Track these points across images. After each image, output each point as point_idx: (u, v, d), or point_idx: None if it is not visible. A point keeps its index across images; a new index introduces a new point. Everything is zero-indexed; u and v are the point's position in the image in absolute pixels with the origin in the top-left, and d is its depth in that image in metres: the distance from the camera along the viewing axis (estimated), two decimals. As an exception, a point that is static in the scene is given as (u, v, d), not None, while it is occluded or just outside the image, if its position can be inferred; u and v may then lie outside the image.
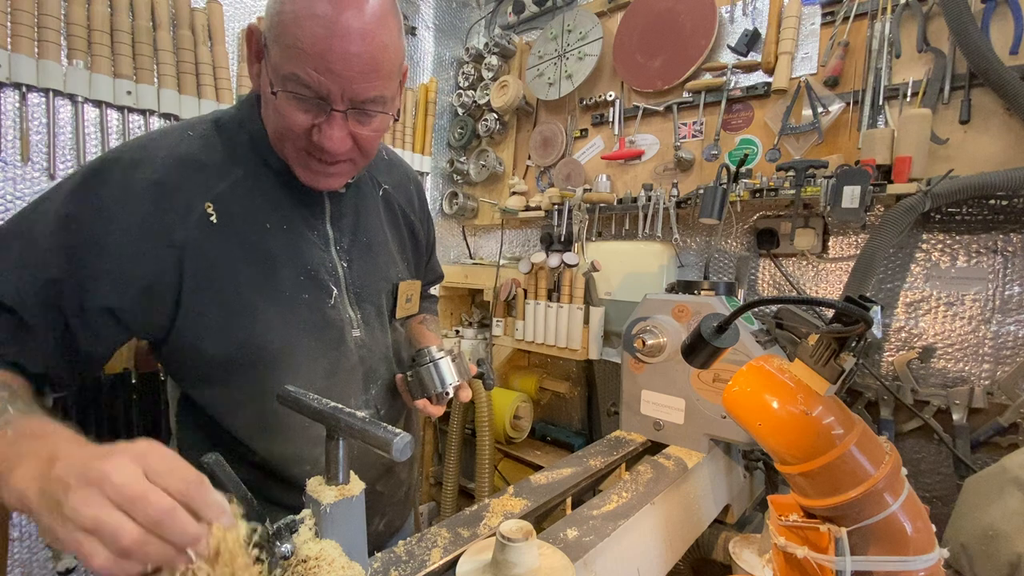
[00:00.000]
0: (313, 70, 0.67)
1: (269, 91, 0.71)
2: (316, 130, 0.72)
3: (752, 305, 0.65)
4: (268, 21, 0.70)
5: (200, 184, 0.74)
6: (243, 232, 0.77)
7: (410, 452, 0.53)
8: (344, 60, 0.67)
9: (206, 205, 0.74)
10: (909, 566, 0.60)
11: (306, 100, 0.70)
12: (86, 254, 0.67)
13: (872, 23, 1.38)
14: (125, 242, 0.68)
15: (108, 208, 0.68)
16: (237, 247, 0.76)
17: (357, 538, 0.57)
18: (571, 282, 1.78)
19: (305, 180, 0.79)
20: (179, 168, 0.73)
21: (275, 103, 0.71)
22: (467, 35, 2.42)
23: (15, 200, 1.26)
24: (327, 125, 0.72)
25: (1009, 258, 1.26)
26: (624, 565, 0.82)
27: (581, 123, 2.01)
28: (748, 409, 0.66)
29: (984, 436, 1.25)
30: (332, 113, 0.71)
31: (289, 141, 0.75)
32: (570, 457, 1.12)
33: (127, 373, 1.40)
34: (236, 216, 0.76)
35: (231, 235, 0.76)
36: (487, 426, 1.83)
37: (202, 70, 1.53)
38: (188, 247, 0.72)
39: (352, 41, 0.67)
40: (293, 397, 0.61)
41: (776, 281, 1.60)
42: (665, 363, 1.17)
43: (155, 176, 0.71)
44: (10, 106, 1.26)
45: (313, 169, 0.78)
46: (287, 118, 0.72)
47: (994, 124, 1.25)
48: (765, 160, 1.55)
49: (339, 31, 0.66)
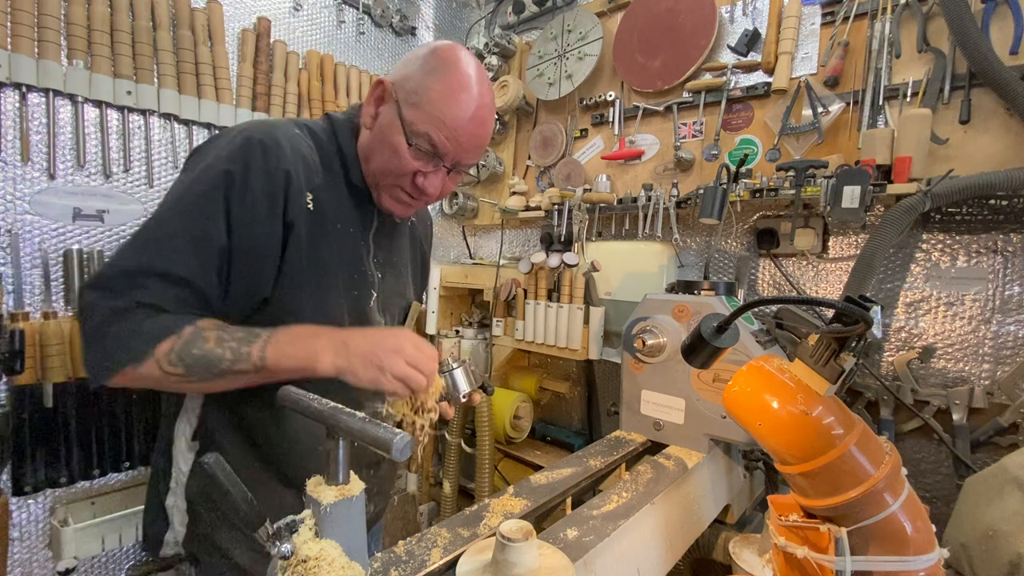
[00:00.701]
0: (444, 137, 0.88)
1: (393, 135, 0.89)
2: (421, 175, 0.92)
3: (752, 305, 0.65)
4: (408, 85, 0.89)
5: (307, 177, 0.89)
6: (326, 223, 0.92)
7: (409, 452, 0.53)
8: (468, 138, 0.90)
9: (307, 194, 0.89)
10: (909, 566, 0.60)
11: (425, 154, 0.90)
12: (234, 208, 0.82)
13: (872, 23, 1.38)
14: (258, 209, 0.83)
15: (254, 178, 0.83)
16: (322, 234, 0.91)
17: (357, 538, 0.57)
18: (571, 282, 1.78)
19: (386, 205, 0.98)
20: (298, 160, 0.88)
21: (394, 145, 0.89)
22: (467, 35, 2.42)
23: (15, 200, 1.26)
24: (433, 175, 0.93)
25: (1009, 258, 1.26)
26: (624, 565, 0.82)
27: (581, 123, 2.01)
28: (748, 409, 0.66)
29: (984, 436, 1.25)
30: (441, 168, 0.93)
31: (392, 175, 0.93)
32: (570, 457, 1.12)
33: (127, 373, 1.40)
34: (323, 209, 0.92)
35: (320, 222, 0.91)
36: (487, 426, 1.83)
37: (202, 70, 1.53)
38: (294, 226, 0.87)
39: (477, 127, 0.91)
40: (293, 397, 0.61)
41: (776, 281, 1.60)
42: (665, 363, 1.17)
43: (285, 165, 0.85)
44: (10, 106, 1.26)
45: (400, 200, 0.97)
46: (403, 160, 0.90)
47: (994, 124, 1.25)
48: (765, 160, 1.55)
49: (473, 118, 0.89)
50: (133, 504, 1.43)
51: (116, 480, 1.45)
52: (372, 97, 0.94)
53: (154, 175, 1.48)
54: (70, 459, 1.33)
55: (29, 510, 1.32)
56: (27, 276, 1.28)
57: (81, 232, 1.36)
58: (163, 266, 0.78)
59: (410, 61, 0.92)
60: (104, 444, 1.38)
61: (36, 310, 1.29)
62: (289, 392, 0.62)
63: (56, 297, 1.32)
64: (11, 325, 1.21)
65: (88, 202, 1.37)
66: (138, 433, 1.44)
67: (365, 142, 0.96)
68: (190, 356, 0.77)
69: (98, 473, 1.38)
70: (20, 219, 1.27)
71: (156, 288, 0.78)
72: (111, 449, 1.39)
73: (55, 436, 1.30)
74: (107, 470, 1.39)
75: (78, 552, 1.30)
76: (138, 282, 0.78)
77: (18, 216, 1.27)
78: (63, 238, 1.34)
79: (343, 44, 1.96)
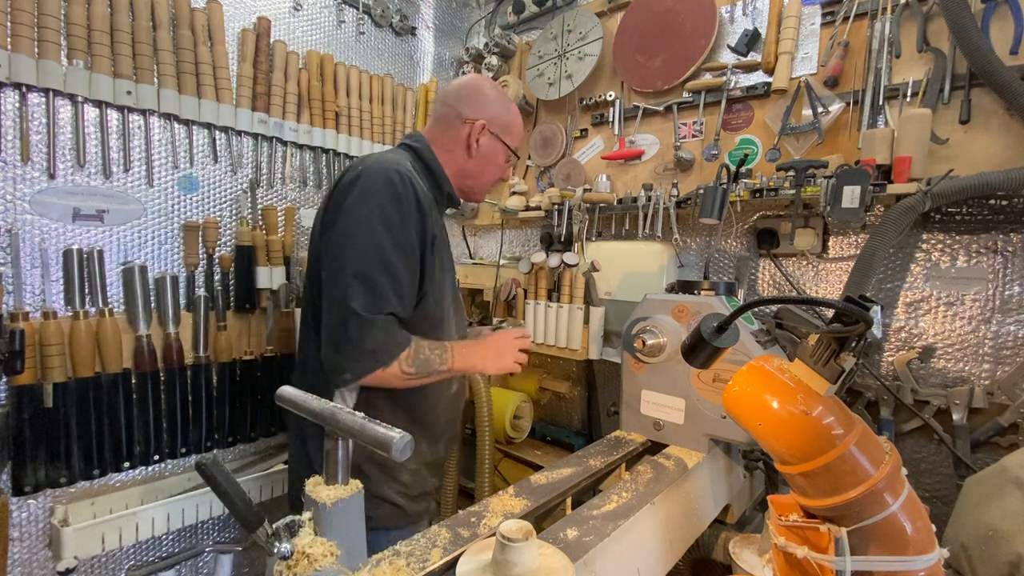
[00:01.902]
0: (521, 146, 1.46)
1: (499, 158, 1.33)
2: (504, 171, 1.37)
3: (752, 305, 0.65)
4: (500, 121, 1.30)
5: (429, 197, 1.16)
6: (438, 230, 1.19)
7: (409, 452, 0.53)
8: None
9: (432, 212, 1.15)
10: (909, 566, 0.60)
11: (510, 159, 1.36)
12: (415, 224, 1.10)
13: (872, 23, 1.38)
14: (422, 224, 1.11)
15: (409, 208, 1.10)
16: (440, 239, 1.19)
17: (356, 538, 0.57)
18: (571, 282, 1.78)
19: (479, 199, 1.42)
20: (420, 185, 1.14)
21: (499, 164, 1.34)
22: (467, 35, 2.42)
23: (15, 200, 1.27)
24: (509, 168, 1.40)
25: (1009, 258, 1.26)
26: (624, 565, 0.82)
27: (581, 123, 2.01)
28: (748, 409, 0.66)
29: (984, 436, 1.25)
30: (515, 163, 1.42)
31: (496, 178, 1.37)
32: (570, 457, 1.12)
33: (127, 373, 1.40)
34: (437, 221, 1.19)
35: (436, 231, 1.16)
36: (487, 426, 1.83)
37: (202, 70, 1.53)
38: (433, 238, 1.14)
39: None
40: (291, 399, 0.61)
41: (776, 281, 1.60)
42: (665, 363, 1.17)
43: (420, 192, 1.12)
44: (10, 106, 1.26)
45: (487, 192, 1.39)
46: (503, 171, 1.37)
47: (994, 124, 1.24)
48: (765, 160, 1.55)
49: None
50: (133, 504, 1.43)
51: (116, 480, 1.45)
52: (467, 132, 1.27)
53: (154, 175, 1.48)
54: (70, 459, 1.33)
55: (29, 510, 1.32)
56: (27, 276, 1.28)
57: (81, 232, 1.36)
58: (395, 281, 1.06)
59: (490, 100, 1.29)
60: (104, 444, 1.38)
61: (36, 310, 1.29)
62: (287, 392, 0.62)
63: (56, 297, 1.32)
64: (11, 325, 1.21)
65: (88, 202, 1.37)
66: (138, 432, 1.44)
67: (470, 165, 1.30)
68: (419, 361, 1.09)
69: (98, 473, 1.38)
70: (20, 219, 1.27)
71: (394, 299, 1.06)
72: (111, 449, 1.39)
73: (55, 436, 1.30)
74: (107, 470, 1.39)
75: (78, 552, 1.30)
76: (384, 295, 1.04)
77: (18, 216, 1.27)
78: (63, 238, 1.34)
79: (343, 44, 1.96)
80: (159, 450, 1.48)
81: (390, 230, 1.06)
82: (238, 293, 1.61)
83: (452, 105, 1.28)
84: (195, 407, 1.54)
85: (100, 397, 1.36)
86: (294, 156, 1.80)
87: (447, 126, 1.28)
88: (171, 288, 1.47)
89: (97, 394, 1.36)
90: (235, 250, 1.61)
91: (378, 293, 1.03)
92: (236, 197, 1.66)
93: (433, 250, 1.14)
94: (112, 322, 1.36)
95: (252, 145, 1.69)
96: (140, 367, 1.42)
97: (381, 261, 1.04)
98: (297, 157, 1.81)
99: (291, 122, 1.75)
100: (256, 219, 1.67)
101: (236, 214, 1.65)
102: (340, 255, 1.07)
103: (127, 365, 1.41)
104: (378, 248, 1.05)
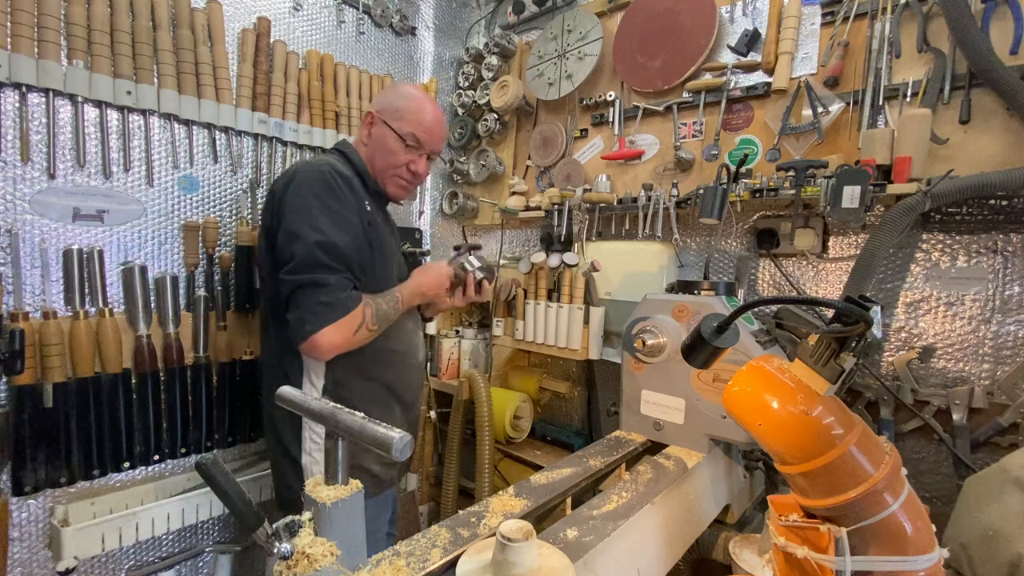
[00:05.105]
0: (424, 133, 1.37)
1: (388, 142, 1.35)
2: (412, 163, 1.38)
3: (752, 305, 0.65)
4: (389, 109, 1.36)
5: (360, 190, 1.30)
6: (376, 217, 1.31)
7: (409, 451, 0.53)
8: (438, 133, 1.41)
9: (365, 200, 1.29)
10: (909, 566, 0.60)
11: (412, 148, 1.37)
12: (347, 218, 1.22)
13: (872, 23, 1.38)
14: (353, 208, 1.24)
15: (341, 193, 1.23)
16: (377, 226, 1.31)
17: (356, 538, 0.57)
18: (571, 282, 1.78)
19: (393, 192, 1.42)
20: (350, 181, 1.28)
21: (390, 147, 1.35)
22: (467, 35, 2.42)
23: (15, 200, 1.26)
24: (420, 161, 1.40)
25: (1009, 258, 1.26)
26: (624, 565, 0.82)
27: (581, 123, 2.01)
28: (748, 409, 0.66)
29: (984, 436, 1.25)
30: (424, 155, 1.40)
31: (392, 168, 1.37)
32: (570, 457, 1.12)
33: (127, 373, 1.40)
34: (371, 208, 1.31)
35: (375, 217, 1.31)
36: (487, 426, 1.83)
37: (202, 70, 1.53)
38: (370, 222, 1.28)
39: (439, 125, 1.41)
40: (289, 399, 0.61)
41: (776, 281, 1.60)
42: (665, 363, 1.17)
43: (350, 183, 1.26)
44: (10, 106, 1.26)
45: (401, 185, 1.41)
46: (398, 155, 1.36)
47: (994, 124, 1.24)
48: (765, 160, 1.55)
49: (435, 119, 1.39)
50: (133, 504, 1.43)
51: (116, 480, 1.45)
52: (365, 125, 1.39)
53: (154, 175, 1.48)
54: (70, 459, 1.33)
55: (29, 510, 1.32)
56: (27, 276, 1.28)
57: (81, 232, 1.36)
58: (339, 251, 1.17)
59: (386, 94, 1.40)
60: (104, 444, 1.38)
61: (36, 310, 1.29)
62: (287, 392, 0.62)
63: (56, 297, 1.32)
64: (11, 325, 1.21)
65: (88, 202, 1.37)
66: (137, 432, 1.44)
67: (367, 153, 1.39)
68: (380, 315, 1.24)
69: (98, 473, 1.38)
70: (20, 219, 1.27)
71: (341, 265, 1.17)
72: (111, 449, 1.39)
73: (55, 436, 1.30)
74: (107, 470, 1.39)
75: (78, 552, 1.30)
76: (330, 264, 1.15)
77: (18, 216, 1.27)
78: (63, 238, 1.34)
79: (343, 44, 1.96)
80: (159, 450, 1.48)
81: (326, 210, 1.18)
82: (238, 293, 1.61)
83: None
84: (195, 407, 1.54)
85: (100, 397, 1.36)
86: (294, 156, 1.80)
87: (361, 125, 1.43)
88: (171, 288, 1.47)
89: (97, 394, 1.36)
90: (235, 250, 1.61)
91: (324, 263, 1.14)
92: (236, 197, 1.65)
93: (371, 229, 1.27)
94: (112, 322, 1.36)
95: (252, 145, 1.69)
96: (140, 367, 1.42)
97: (323, 236, 1.15)
98: (297, 157, 1.81)
99: (291, 122, 1.75)
100: (256, 219, 1.67)
101: (236, 214, 1.65)
102: (286, 241, 1.17)
103: (127, 365, 1.41)
104: (316, 226, 1.16)
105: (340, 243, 1.17)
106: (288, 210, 1.19)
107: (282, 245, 1.18)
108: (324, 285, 1.14)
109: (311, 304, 1.14)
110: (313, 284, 1.14)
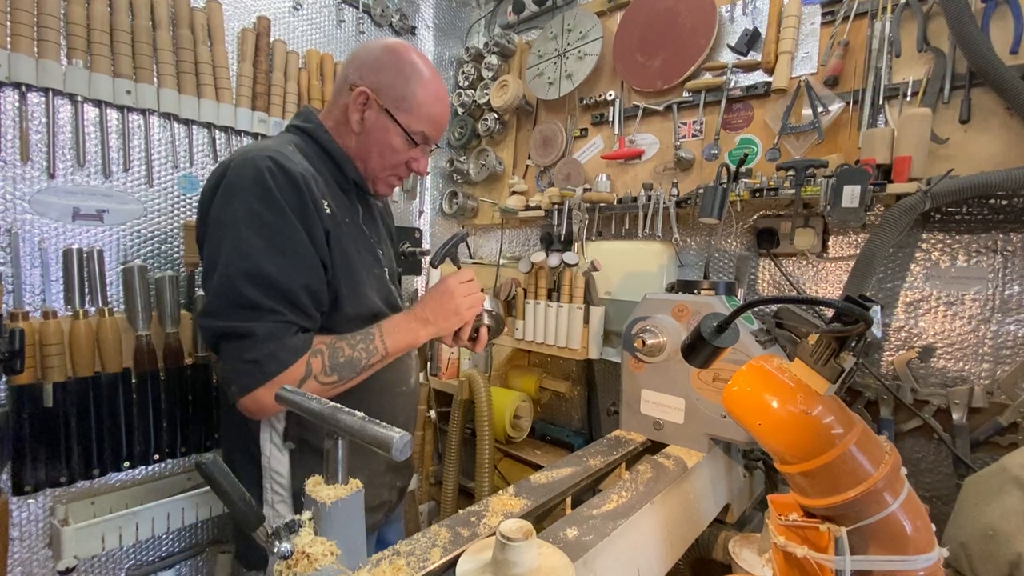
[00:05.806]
0: (435, 129, 1.12)
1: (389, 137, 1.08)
2: (414, 161, 1.14)
3: (752, 305, 0.65)
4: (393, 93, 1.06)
5: (320, 187, 1.00)
6: (342, 222, 1.04)
7: (409, 451, 0.53)
8: (445, 123, 1.15)
9: (324, 201, 0.99)
10: (909, 565, 0.60)
11: (418, 146, 1.12)
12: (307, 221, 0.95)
13: (872, 23, 1.38)
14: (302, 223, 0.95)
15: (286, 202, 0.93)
16: (344, 233, 1.04)
17: (356, 537, 0.57)
18: (571, 282, 1.77)
19: (382, 190, 1.18)
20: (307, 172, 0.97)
21: (392, 145, 1.09)
22: (467, 34, 2.42)
23: (15, 200, 1.26)
24: (423, 158, 1.16)
25: (1009, 258, 1.26)
26: (624, 565, 0.82)
27: (581, 123, 2.01)
28: (748, 409, 0.66)
29: (984, 436, 1.25)
30: (427, 152, 1.17)
31: (390, 168, 1.13)
32: (570, 457, 1.12)
33: (127, 373, 1.40)
34: (336, 211, 1.03)
35: (339, 223, 1.03)
36: (487, 426, 1.83)
37: (202, 70, 1.53)
38: (329, 231, 0.98)
39: (448, 112, 1.17)
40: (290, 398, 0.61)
41: (776, 281, 1.59)
42: (665, 363, 1.17)
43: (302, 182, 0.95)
44: (10, 106, 1.26)
45: (391, 184, 1.18)
46: (400, 155, 1.11)
47: (994, 124, 1.24)
48: (765, 160, 1.55)
49: (446, 108, 1.15)
50: (133, 504, 1.43)
51: (116, 480, 1.45)
52: (355, 106, 1.06)
53: (154, 175, 1.48)
54: (70, 459, 1.33)
55: (29, 510, 1.32)
56: (27, 276, 1.28)
57: (81, 232, 1.36)
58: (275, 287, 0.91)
59: (382, 66, 1.06)
60: (104, 444, 1.38)
61: (36, 310, 1.29)
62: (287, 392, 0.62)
63: (56, 297, 1.32)
64: (11, 325, 1.21)
65: (88, 202, 1.37)
66: (137, 432, 1.44)
67: (356, 145, 1.10)
68: (340, 365, 0.97)
69: (98, 473, 1.38)
70: (20, 219, 1.27)
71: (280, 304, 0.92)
72: (111, 449, 1.39)
73: (55, 436, 1.30)
74: (107, 470, 1.39)
75: (78, 552, 1.30)
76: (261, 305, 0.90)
77: (18, 216, 1.27)
78: (63, 238, 1.34)
79: (343, 44, 1.96)
80: (159, 450, 1.48)
81: (261, 231, 0.90)
82: (238, 293, 1.61)
83: (345, 66, 1.09)
84: (195, 407, 1.54)
85: (100, 397, 1.36)
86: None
87: (335, 93, 1.10)
88: (171, 288, 1.47)
89: (97, 394, 1.36)
90: (235, 250, 1.61)
91: (250, 302, 0.89)
92: (236, 197, 1.65)
93: (330, 245, 0.98)
94: (112, 322, 1.36)
95: (252, 145, 1.69)
96: (140, 367, 1.42)
97: (249, 264, 0.89)
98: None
99: (291, 122, 1.75)
100: (256, 219, 1.67)
101: (236, 214, 1.65)
102: (206, 271, 0.94)
103: (127, 365, 1.41)
104: (243, 250, 0.89)
105: (274, 273, 0.89)
106: (211, 225, 0.93)
107: (203, 275, 0.96)
108: (247, 336, 0.88)
109: (234, 362, 0.90)
110: (235, 335, 0.89)
